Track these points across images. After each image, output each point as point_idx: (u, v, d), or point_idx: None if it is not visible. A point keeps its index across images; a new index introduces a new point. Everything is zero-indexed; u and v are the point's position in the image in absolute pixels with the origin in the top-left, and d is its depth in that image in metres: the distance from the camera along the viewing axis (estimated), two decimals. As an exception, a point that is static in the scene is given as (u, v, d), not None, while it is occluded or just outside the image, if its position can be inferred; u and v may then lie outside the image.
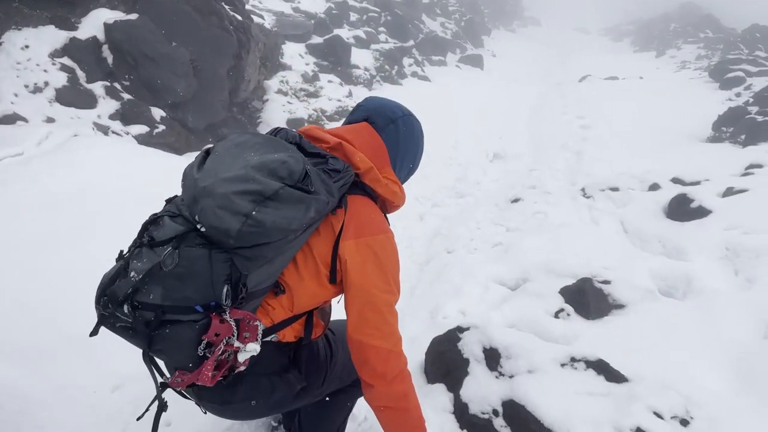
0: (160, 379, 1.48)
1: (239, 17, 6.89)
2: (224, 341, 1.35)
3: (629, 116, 10.03)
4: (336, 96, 9.28)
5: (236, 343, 1.37)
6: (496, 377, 2.39)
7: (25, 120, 4.68)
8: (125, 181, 3.99)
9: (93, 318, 2.64)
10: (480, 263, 4.19)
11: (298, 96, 8.55)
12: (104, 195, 3.76)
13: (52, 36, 5.35)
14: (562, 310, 3.23)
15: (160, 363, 1.50)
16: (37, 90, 5.03)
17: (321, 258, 1.53)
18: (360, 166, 1.60)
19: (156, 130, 5.67)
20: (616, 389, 2.26)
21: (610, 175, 6.02)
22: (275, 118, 7.53)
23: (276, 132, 1.60)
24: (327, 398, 1.87)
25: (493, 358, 2.47)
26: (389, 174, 1.75)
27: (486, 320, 3.06)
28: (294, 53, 10.23)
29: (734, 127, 8.07)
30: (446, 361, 2.58)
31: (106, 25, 5.59)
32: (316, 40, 11.44)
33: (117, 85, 5.60)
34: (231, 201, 1.28)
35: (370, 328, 1.53)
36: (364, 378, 1.57)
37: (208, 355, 1.35)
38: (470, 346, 2.54)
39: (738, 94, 11.51)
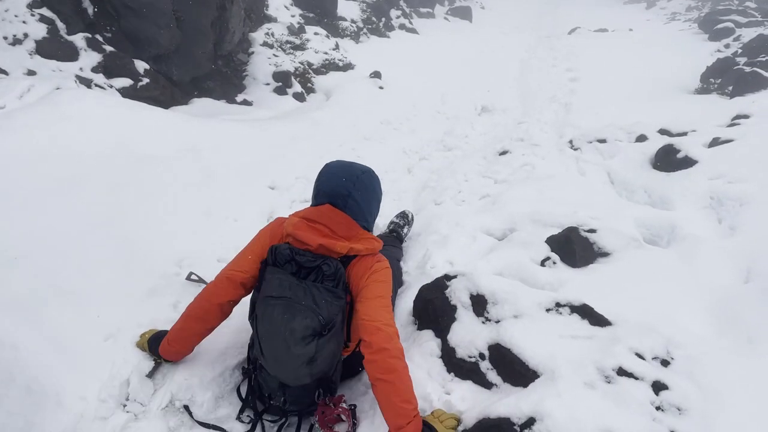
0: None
1: (222, -34, 6.70)
2: None
3: (618, 68, 9.98)
4: (323, 49, 9.10)
5: None
6: (483, 322, 2.45)
7: (5, 73, 4.57)
8: (112, 135, 3.94)
9: (82, 270, 2.66)
10: (468, 214, 4.22)
11: (284, 48, 8.39)
12: (91, 149, 3.72)
13: (29, -15, 5.19)
14: (548, 258, 3.29)
15: None
16: (16, 42, 4.90)
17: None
18: (342, 251, 2.17)
19: (140, 83, 5.57)
20: (599, 332, 2.33)
21: (598, 127, 6.02)
22: (261, 71, 7.41)
23: (274, 255, 2.19)
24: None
25: (479, 304, 2.52)
26: (363, 234, 2.28)
27: (473, 268, 3.11)
28: (279, 5, 9.97)
29: (722, 79, 8.06)
30: (434, 308, 2.63)
31: (84, -26, 5.42)
32: (302, -9, 11.16)
33: (98, 37, 5.46)
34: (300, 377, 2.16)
35: (379, 327, 2.08)
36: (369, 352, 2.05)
37: None
38: (457, 293, 2.59)
39: (727, 45, 11.45)
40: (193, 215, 3.66)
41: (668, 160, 4.68)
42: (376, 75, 8.56)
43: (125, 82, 5.38)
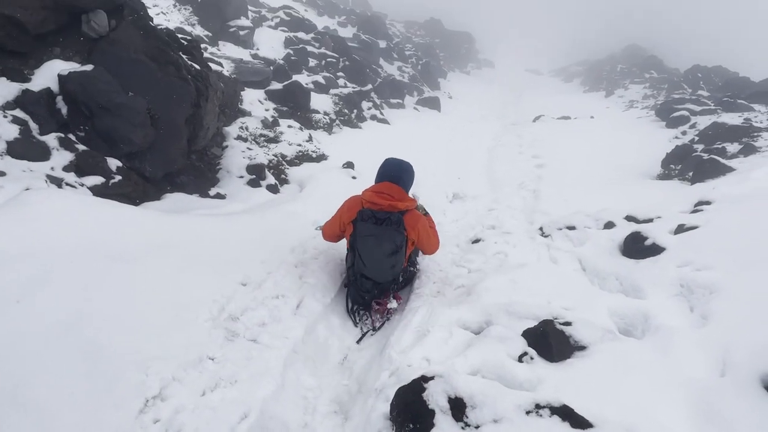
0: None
1: (197, 66, 6.90)
2: None
3: (582, 155, 10.37)
4: (296, 140, 9.31)
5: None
6: (462, 428, 2.37)
7: (-27, 175, 4.54)
8: (80, 234, 3.89)
9: (43, 380, 2.54)
10: (443, 306, 4.20)
11: (257, 141, 8.55)
12: (58, 249, 3.65)
13: (4, 88, 5.24)
14: (525, 353, 3.25)
15: None
16: (-14, 143, 4.91)
17: (410, 242, 4.22)
18: (401, 208, 4.11)
19: (112, 181, 5.57)
20: (581, 435, 2.27)
21: (567, 214, 6.16)
22: (235, 164, 7.50)
23: (362, 215, 4.15)
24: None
25: (458, 408, 2.46)
26: (407, 197, 4.25)
27: (450, 367, 3.05)
28: (254, 99, 10.28)
29: (682, 165, 8.42)
30: (412, 412, 2.55)
31: (60, 76, 5.51)
32: (276, 86, 11.53)
33: (71, 136, 5.50)
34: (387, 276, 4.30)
35: (431, 245, 4.48)
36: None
37: None
38: (435, 397, 2.52)
39: (684, 132, 12.04)
40: (161, 315, 3.56)
41: (636, 247, 4.78)
42: (349, 165, 8.73)
43: (97, 180, 5.37)
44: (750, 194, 5.50)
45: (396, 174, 4.26)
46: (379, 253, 4.12)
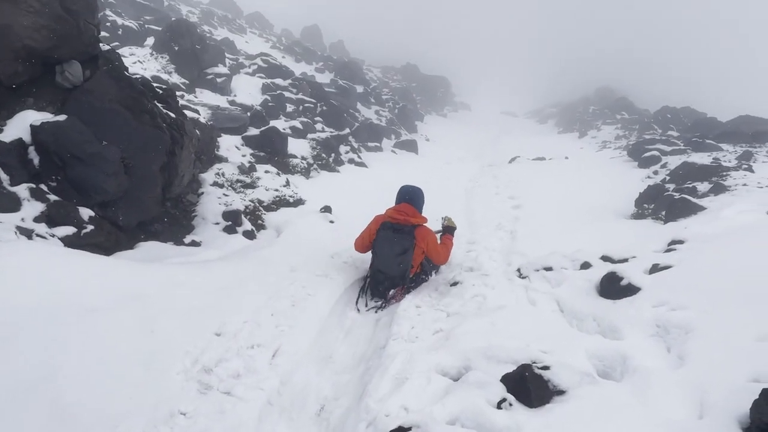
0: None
1: (172, 114, 6.92)
2: None
3: (558, 195, 10.50)
4: (273, 186, 9.32)
5: None
6: (441, 481, 2.31)
7: (-60, 228, 4.44)
8: (50, 286, 3.81)
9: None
10: (421, 351, 4.15)
11: (234, 187, 8.54)
12: (26, 303, 3.56)
13: (-25, 139, 5.20)
14: (504, 399, 3.20)
15: None
16: (-46, 196, 4.83)
17: (419, 249, 5.78)
18: (414, 223, 5.77)
19: (84, 231, 5.48)
20: (561, 485, 2.22)
21: (543, 255, 6.19)
22: (211, 211, 7.45)
23: (383, 225, 5.82)
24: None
25: (436, 459, 2.40)
26: (419, 215, 5.92)
27: (428, 416, 2.99)
28: (230, 145, 10.31)
29: (655, 204, 8.56)
30: (389, 465, 2.48)
31: (32, 126, 5.48)
32: (253, 131, 11.59)
33: (43, 187, 5.43)
34: (396, 270, 5.69)
35: (439, 256, 6.03)
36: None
37: None
38: (412, 449, 2.46)
39: (656, 172, 12.30)
40: (131, 369, 3.47)
41: (613, 287, 4.80)
42: (327, 209, 8.73)
43: (68, 230, 5.29)
44: (721, 233, 5.60)
45: (409, 197, 6.01)
46: (391, 252, 5.65)
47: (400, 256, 5.62)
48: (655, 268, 4.93)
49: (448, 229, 6.74)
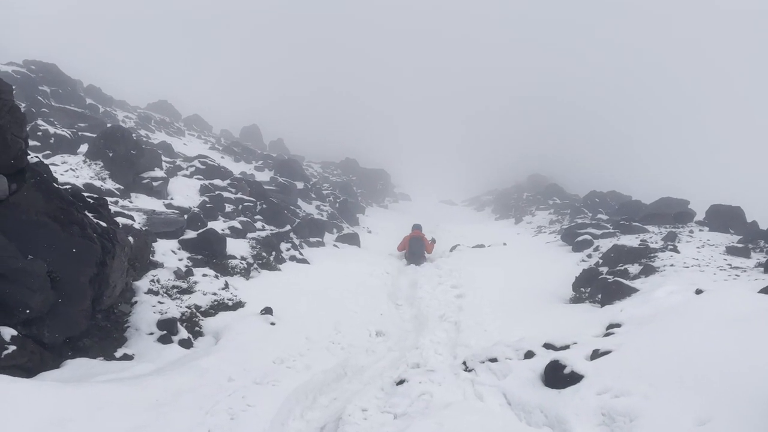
0: None
1: (103, 224, 6.74)
2: None
3: (499, 282, 10.68)
4: (211, 290, 9.04)
5: None
6: None
7: None
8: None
9: None
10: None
11: (170, 294, 8.24)
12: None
13: None
14: None
15: None
16: None
17: (425, 243, 15.75)
18: (421, 236, 15.70)
19: (5, 352, 5.11)
20: None
21: (488, 346, 6.20)
22: (144, 321, 7.11)
23: (412, 239, 15.59)
24: None
25: None
26: (422, 234, 15.80)
27: None
28: (166, 250, 10.04)
29: (591, 288, 8.79)
30: None
31: (-51, 244, 5.22)
32: (190, 234, 11.36)
33: (-42, 307, 5.10)
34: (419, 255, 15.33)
35: (430, 250, 15.67)
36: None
37: None
38: None
39: (589, 255, 12.73)
40: None
41: (556, 376, 4.81)
42: (268, 311, 8.52)
43: (-14, 353, 4.93)
44: (654, 314, 5.78)
45: (418, 227, 16.15)
46: (417, 248, 14.90)
47: (419, 249, 14.87)
48: (595, 354, 4.99)
49: (433, 240, 16.18)
